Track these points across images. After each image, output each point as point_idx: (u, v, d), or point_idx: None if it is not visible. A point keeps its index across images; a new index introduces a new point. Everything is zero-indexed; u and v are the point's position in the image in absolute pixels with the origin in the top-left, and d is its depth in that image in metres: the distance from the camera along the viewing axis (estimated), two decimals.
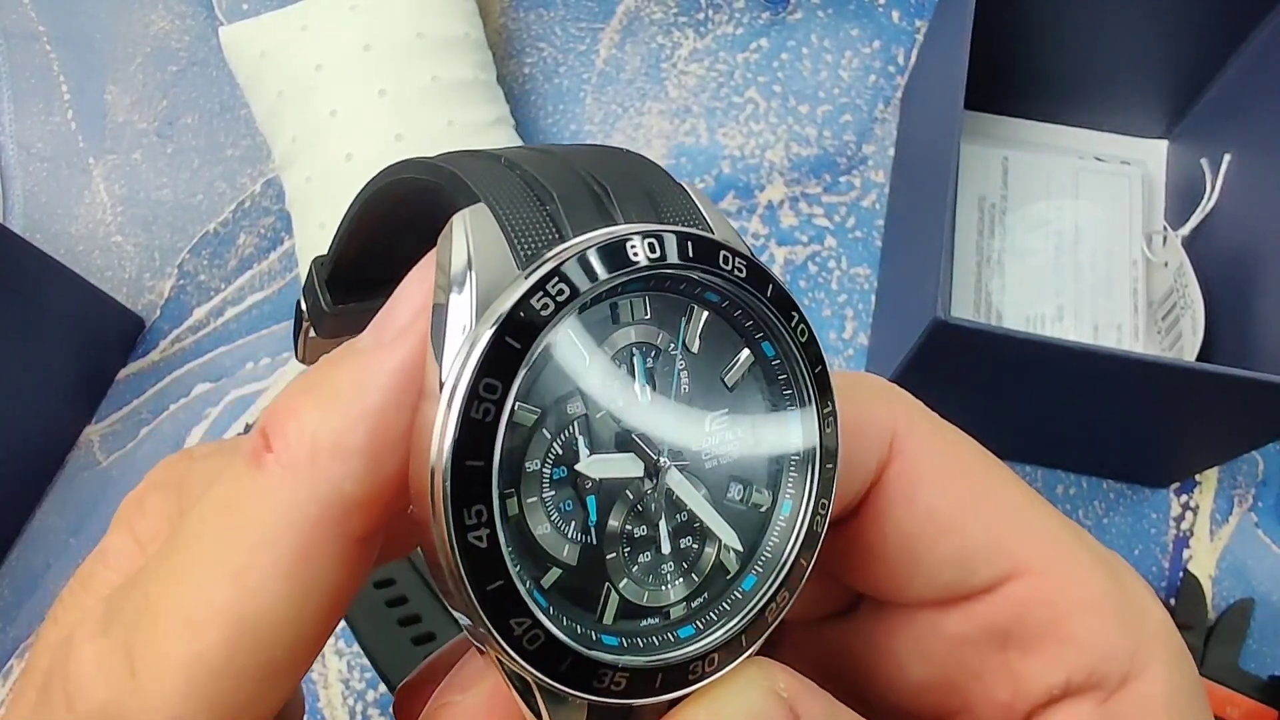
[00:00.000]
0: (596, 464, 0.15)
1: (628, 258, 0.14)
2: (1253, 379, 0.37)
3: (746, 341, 0.17)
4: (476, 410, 0.13)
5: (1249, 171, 0.51)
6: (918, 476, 0.18)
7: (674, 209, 0.16)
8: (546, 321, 0.14)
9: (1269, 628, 0.51)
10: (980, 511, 0.18)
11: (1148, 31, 0.53)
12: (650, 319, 0.16)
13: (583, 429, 0.15)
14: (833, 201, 0.59)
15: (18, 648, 0.51)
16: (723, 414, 0.17)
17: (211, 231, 0.59)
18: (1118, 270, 0.56)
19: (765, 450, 0.17)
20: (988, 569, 0.18)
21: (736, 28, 0.64)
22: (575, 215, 0.15)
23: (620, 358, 0.16)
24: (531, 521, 0.15)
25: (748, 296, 0.16)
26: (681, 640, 0.16)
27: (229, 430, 0.55)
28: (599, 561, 0.16)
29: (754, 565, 0.17)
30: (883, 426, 0.18)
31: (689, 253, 0.15)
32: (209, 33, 0.64)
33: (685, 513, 0.16)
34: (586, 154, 0.17)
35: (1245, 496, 0.53)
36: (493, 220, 0.15)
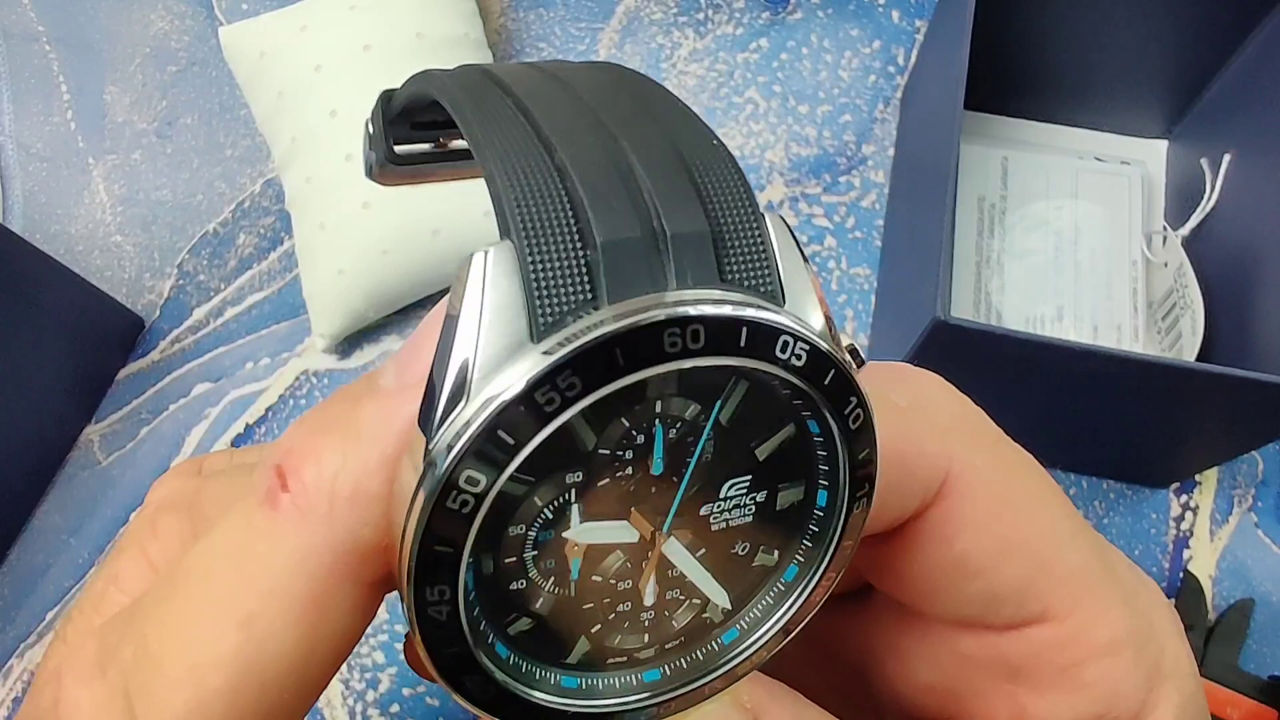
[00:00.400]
0: (586, 532, 0.14)
1: (662, 349, 0.12)
2: (1252, 379, 0.37)
3: (791, 419, 0.15)
4: (453, 501, 0.12)
5: (1249, 171, 0.51)
6: (960, 522, 0.17)
7: (740, 256, 0.13)
8: (549, 418, 0.12)
9: (1269, 628, 0.51)
10: (1018, 559, 0.17)
11: (1148, 31, 0.53)
12: (683, 393, 0.14)
13: (580, 497, 0.14)
14: (832, 201, 0.59)
15: (18, 647, 0.51)
16: (744, 481, 0.15)
17: (211, 232, 0.59)
18: (1117, 270, 0.56)
19: (781, 517, 0.16)
20: (1015, 612, 0.18)
21: (736, 28, 0.64)
22: (618, 277, 0.12)
23: (640, 429, 0.14)
24: (507, 578, 0.14)
25: (802, 384, 0.14)
26: (643, 684, 0.15)
27: (229, 430, 0.55)
28: (574, 611, 0.15)
29: (739, 620, 0.16)
30: (935, 466, 0.17)
31: (740, 342, 0.13)
32: (209, 33, 0.64)
33: (676, 570, 0.15)
34: (644, 130, 0.14)
35: (1245, 497, 0.53)
36: (515, 270, 0.12)
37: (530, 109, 0.14)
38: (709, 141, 0.14)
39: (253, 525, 0.14)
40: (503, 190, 0.13)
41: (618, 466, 0.14)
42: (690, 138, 0.14)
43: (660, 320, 0.12)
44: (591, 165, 0.13)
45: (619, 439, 0.13)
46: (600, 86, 0.15)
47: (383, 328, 0.57)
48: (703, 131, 0.14)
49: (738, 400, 0.14)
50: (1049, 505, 0.18)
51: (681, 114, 0.15)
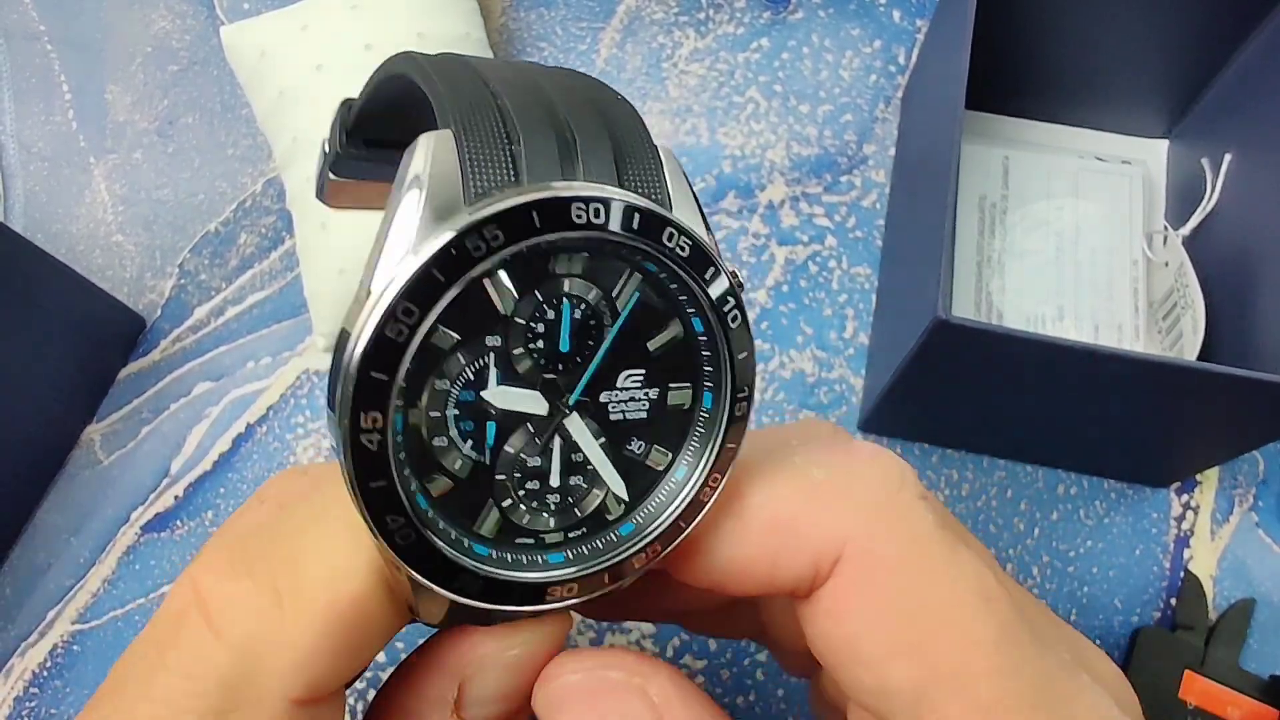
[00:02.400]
0: (501, 394, 0.16)
1: (570, 219, 0.15)
2: (1253, 379, 0.37)
3: (678, 315, 0.17)
4: (391, 329, 0.14)
5: (1250, 171, 0.51)
6: (848, 606, 0.17)
7: (639, 173, 0.16)
8: (475, 262, 0.14)
9: (1270, 627, 0.51)
10: (907, 661, 0.17)
11: (1148, 31, 0.53)
12: (587, 275, 0.16)
13: (498, 360, 0.16)
14: (833, 201, 0.59)
15: (19, 646, 0.51)
16: (639, 374, 0.17)
17: (212, 231, 0.60)
18: (1118, 270, 0.56)
19: (671, 416, 0.18)
20: (904, 714, 0.17)
21: (737, 27, 0.64)
22: (535, 163, 0.15)
23: (550, 304, 0.16)
24: (429, 432, 0.16)
25: (685, 276, 0.16)
26: (549, 564, 0.17)
27: (230, 430, 0.55)
28: (488, 480, 0.17)
29: (636, 514, 0.18)
30: (827, 541, 0.17)
31: (633, 224, 0.15)
32: (210, 32, 0.64)
33: (580, 454, 0.17)
34: (572, 91, 0.17)
35: (1246, 496, 0.53)
36: (454, 150, 0.15)
37: (486, 75, 0.17)
38: (625, 106, 0.17)
39: None
40: (445, 100, 0.15)
41: (530, 337, 0.16)
42: (611, 103, 0.17)
43: (569, 196, 0.15)
44: (522, 95, 0.16)
45: (532, 311, 0.16)
46: (552, 72, 0.18)
47: None
48: (622, 102, 0.17)
49: (633, 290, 0.17)
50: (972, 611, 0.17)
51: (611, 93, 0.18)
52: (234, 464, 0.54)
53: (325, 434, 0.55)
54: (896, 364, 0.45)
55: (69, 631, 0.51)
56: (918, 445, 0.54)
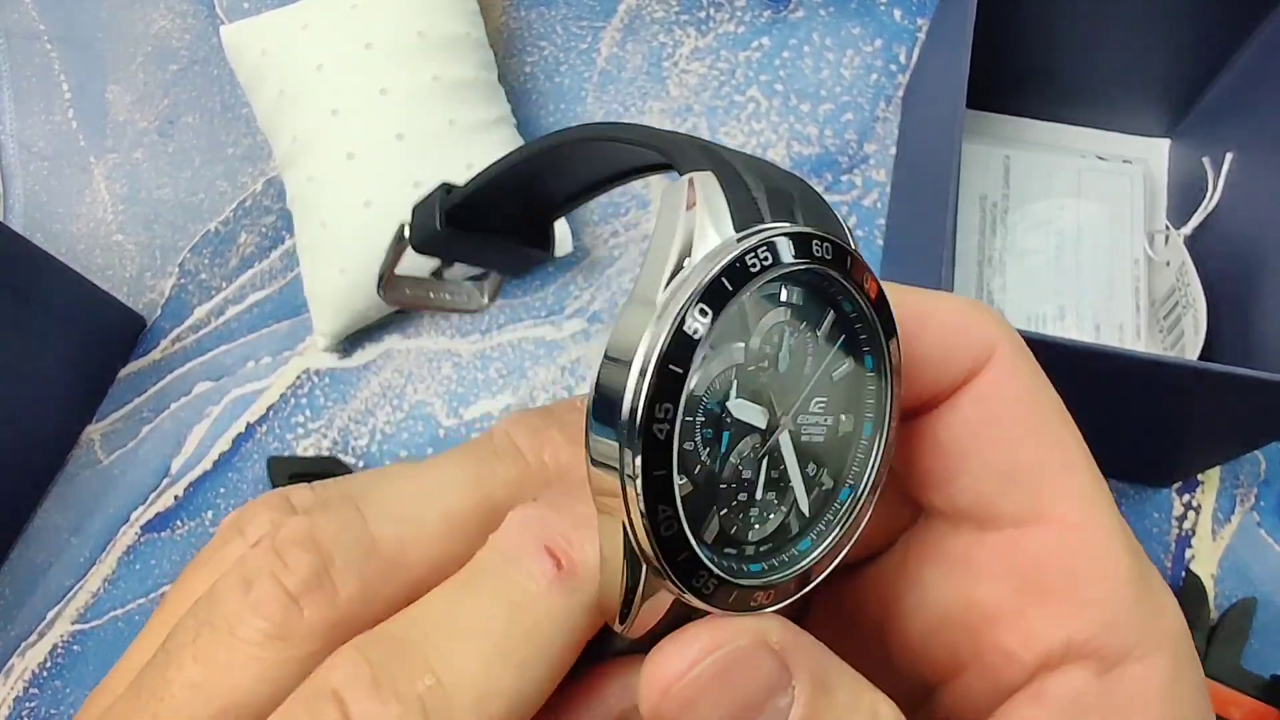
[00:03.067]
0: (740, 406, 0.18)
1: (812, 251, 0.17)
2: (1255, 378, 0.37)
3: (856, 352, 0.19)
4: (689, 326, 0.16)
5: (1251, 170, 0.51)
6: (998, 390, 0.20)
7: (832, 230, 0.19)
8: (752, 278, 0.16)
9: (1271, 627, 0.51)
10: (1037, 444, 0.19)
11: (1150, 30, 0.53)
12: (800, 305, 0.18)
13: (738, 374, 0.18)
14: (834, 200, 0.59)
15: (19, 646, 0.51)
16: (824, 401, 0.19)
17: (213, 230, 0.59)
18: (1119, 269, 0.56)
19: (841, 443, 0.20)
20: (1022, 497, 0.19)
21: (738, 26, 0.63)
22: (776, 207, 0.18)
23: (776, 329, 0.18)
24: (681, 437, 0.17)
25: (870, 317, 0.19)
26: (750, 573, 0.18)
27: (230, 429, 0.55)
28: (714, 487, 0.18)
29: (811, 532, 0.20)
30: (987, 340, 0.20)
31: (846, 264, 0.18)
32: (210, 32, 0.64)
33: (777, 471, 0.19)
34: (770, 166, 0.20)
35: (1247, 496, 0.53)
36: (719, 187, 0.17)
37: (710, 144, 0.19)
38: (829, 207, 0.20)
39: (527, 592, 0.18)
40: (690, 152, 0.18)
41: (761, 356, 0.18)
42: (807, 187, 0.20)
43: (811, 233, 0.17)
44: (734, 155, 0.19)
45: (765, 333, 0.18)
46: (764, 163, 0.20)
47: (384, 327, 0.57)
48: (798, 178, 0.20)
49: (829, 324, 0.19)
50: (1069, 426, 0.20)
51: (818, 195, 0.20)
52: (234, 463, 0.54)
53: (325, 434, 0.54)
54: None
55: (69, 631, 0.51)
56: None
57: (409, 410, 0.55)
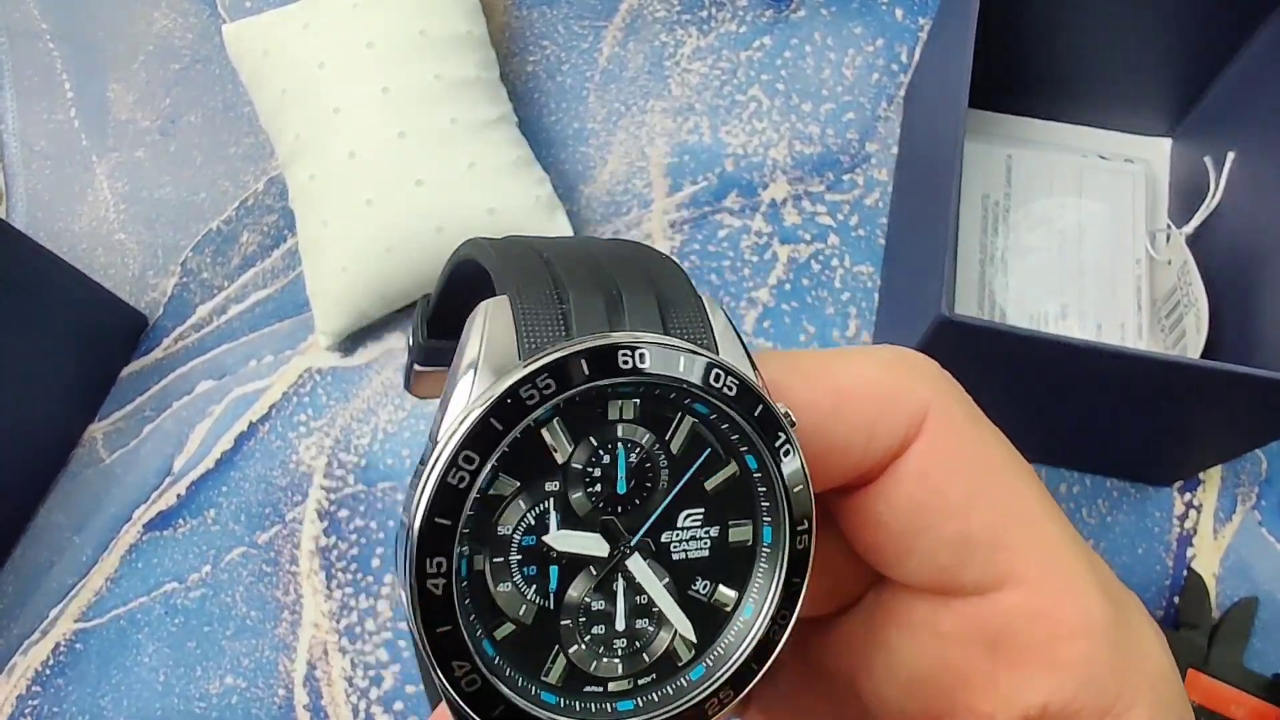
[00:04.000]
0: (562, 538, 0.17)
1: (616, 365, 0.16)
2: (1257, 377, 0.37)
3: (731, 454, 0.18)
4: (453, 476, 0.15)
5: (1253, 169, 0.51)
6: (937, 457, 0.18)
7: (683, 320, 0.17)
8: (530, 410, 0.16)
9: (1273, 626, 0.51)
10: (990, 508, 0.18)
11: (1151, 29, 0.53)
12: (638, 420, 0.17)
13: (558, 505, 0.17)
14: (836, 199, 0.59)
15: (21, 645, 0.51)
16: (698, 513, 0.18)
17: (214, 229, 0.60)
18: (1121, 268, 0.56)
19: (736, 553, 0.18)
20: (983, 566, 0.18)
21: (740, 25, 0.63)
22: (583, 319, 0.17)
23: (606, 449, 0.17)
24: (495, 579, 0.17)
25: (734, 415, 0.17)
26: (619, 713, 0.17)
27: (232, 428, 0.55)
28: (553, 625, 0.17)
29: (706, 658, 0.18)
30: (917, 403, 0.19)
31: (678, 366, 0.16)
32: (212, 31, 0.64)
33: (645, 597, 0.18)
34: (618, 253, 0.19)
35: (1249, 495, 0.53)
36: (508, 313, 0.16)
37: (540, 247, 0.19)
38: (669, 263, 0.19)
39: None
40: (502, 270, 0.17)
41: (589, 481, 0.17)
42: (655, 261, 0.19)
43: (613, 343, 0.16)
44: (570, 260, 0.18)
45: (588, 456, 0.17)
46: (603, 241, 0.19)
47: (385, 325, 0.57)
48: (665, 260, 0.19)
49: (685, 433, 0.17)
50: (1026, 476, 0.19)
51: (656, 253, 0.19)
52: (236, 462, 0.54)
53: (327, 433, 0.55)
54: None
55: (71, 630, 0.51)
56: None
57: (411, 409, 0.55)
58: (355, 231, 0.53)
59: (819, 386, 0.19)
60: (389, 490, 0.54)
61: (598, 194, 0.60)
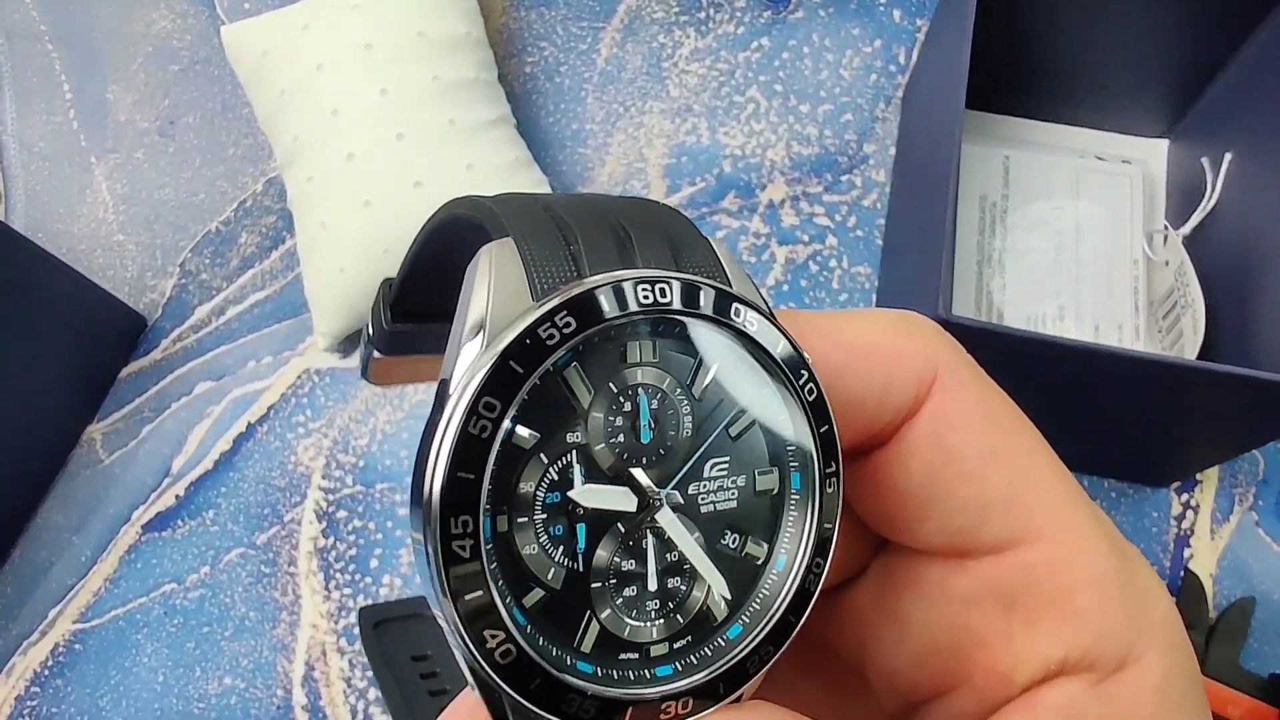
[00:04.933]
0: (589, 493, 0.16)
1: (637, 299, 0.15)
2: (1253, 378, 0.37)
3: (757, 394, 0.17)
4: (474, 425, 0.14)
5: (1250, 171, 0.51)
6: (950, 418, 0.18)
7: (695, 259, 0.17)
8: (551, 350, 0.15)
9: (1270, 626, 0.51)
10: (1004, 466, 0.18)
11: (1149, 31, 0.53)
12: (659, 363, 0.16)
13: (581, 458, 0.16)
14: (834, 200, 0.59)
15: (20, 645, 0.51)
16: (724, 462, 0.17)
17: (213, 230, 0.60)
18: (1118, 269, 0.56)
19: (763, 503, 0.17)
20: (1001, 525, 0.18)
21: (738, 27, 0.64)
22: (595, 256, 0.16)
23: (626, 395, 0.16)
24: (520, 540, 0.15)
25: (756, 352, 0.16)
26: (658, 678, 0.16)
27: (231, 429, 0.55)
28: (583, 588, 0.16)
29: (741, 615, 0.17)
30: (927, 361, 0.18)
31: (699, 301, 0.16)
32: (211, 32, 0.64)
33: (676, 553, 0.17)
34: (619, 201, 0.18)
35: (1246, 495, 0.54)
36: (515, 253, 0.15)
37: (537, 197, 0.17)
38: (669, 209, 0.18)
39: None
40: (502, 215, 0.16)
41: (611, 430, 0.16)
42: (656, 206, 0.18)
43: (632, 276, 0.15)
44: (573, 204, 0.17)
45: (609, 403, 0.16)
46: (613, 197, 0.18)
47: None
48: (666, 206, 0.18)
49: (708, 375, 0.16)
50: (1033, 435, 0.19)
51: (655, 201, 0.18)
52: (235, 463, 0.54)
53: (326, 434, 0.55)
54: None
55: (70, 630, 0.51)
56: None
57: (409, 410, 0.55)
58: (354, 233, 0.53)
59: (829, 342, 0.18)
60: (387, 491, 0.54)
61: None
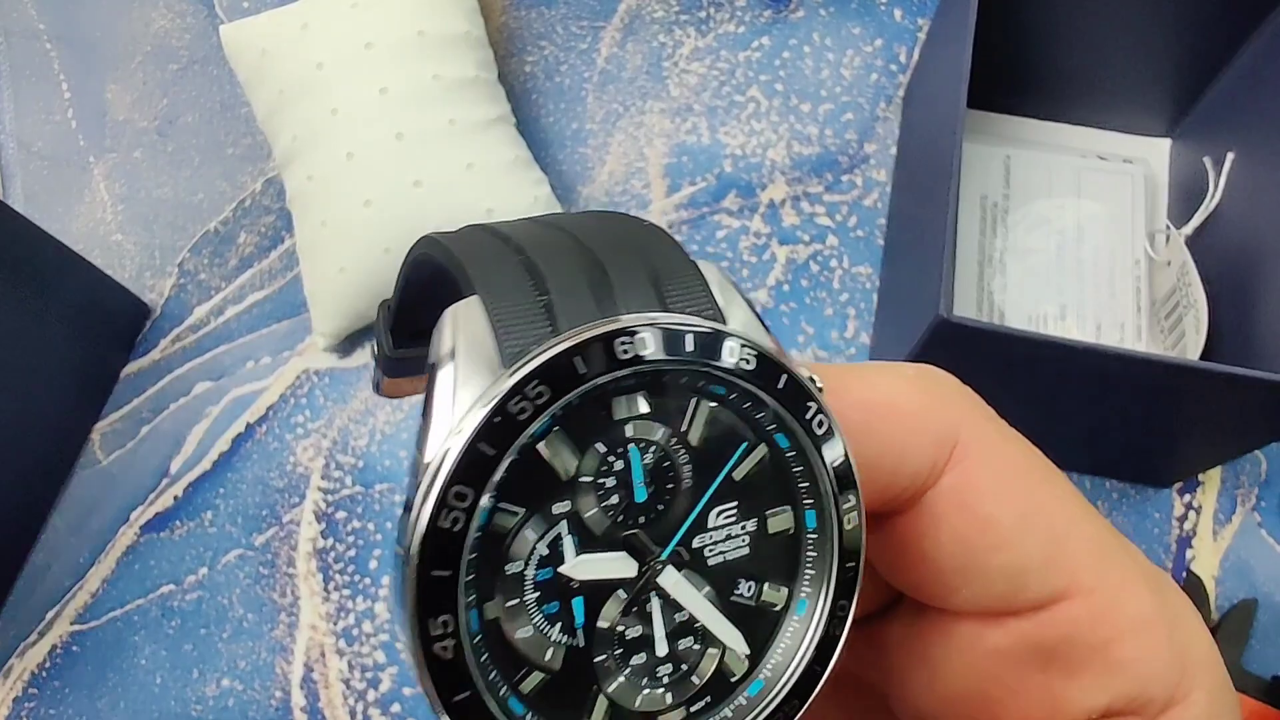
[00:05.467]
0: (582, 565, 0.15)
1: (615, 357, 0.14)
2: (1256, 378, 0.37)
3: (758, 435, 0.16)
4: (445, 519, 0.13)
5: (1252, 170, 0.51)
6: (979, 486, 0.17)
7: (683, 293, 0.15)
8: (524, 425, 0.13)
9: (1272, 628, 0.50)
10: (1038, 528, 0.17)
11: (1151, 29, 0.53)
12: (650, 414, 0.15)
13: (573, 528, 0.15)
14: (834, 200, 0.59)
15: (18, 646, 0.51)
16: (731, 508, 0.16)
17: (212, 230, 0.59)
18: (1120, 269, 0.56)
19: (779, 545, 0.16)
20: (1041, 586, 0.17)
21: (738, 26, 0.63)
22: (569, 305, 0.14)
23: (616, 454, 0.15)
24: (511, 625, 0.14)
25: (756, 390, 0.15)
26: None
27: (229, 429, 0.55)
28: (586, 664, 0.15)
29: (763, 668, 0.16)
30: (948, 427, 0.17)
31: (685, 347, 0.14)
32: (209, 31, 0.64)
33: (685, 613, 0.16)
34: (597, 226, 0.16)
35: (1248, 496, 0.53)
36: (483, 314, 0.14)
37: (506, 234, 0.16)
38: (655, 230, 0.16)
39: None
40: (468, 268, 0.15)
41: (602, 494, 0.15)
42: (639, 230, 0.16)
43: (609, 331, 0.14)
44: (546, 244, 0.15)
45: (598, 465, 0.15)
46: (575, 215, 0.17)
47: None
48: (651, 227, 0.16)
49: (703, 420, 0.15)
50: (1060, 481, 0.18)
51: (637, 220, 0.17)
52: (234, 464, 0.54)
53: (325, 434, 0.54)
54: None
55: (68, 632, 0.51)
56: None
57: (409, 410, 0.55)
58: (353, 232, 0.53)
59: (847, 400, 0.17)
60: (386, 492, 0.53)
61: (596, 195, 0.60)
